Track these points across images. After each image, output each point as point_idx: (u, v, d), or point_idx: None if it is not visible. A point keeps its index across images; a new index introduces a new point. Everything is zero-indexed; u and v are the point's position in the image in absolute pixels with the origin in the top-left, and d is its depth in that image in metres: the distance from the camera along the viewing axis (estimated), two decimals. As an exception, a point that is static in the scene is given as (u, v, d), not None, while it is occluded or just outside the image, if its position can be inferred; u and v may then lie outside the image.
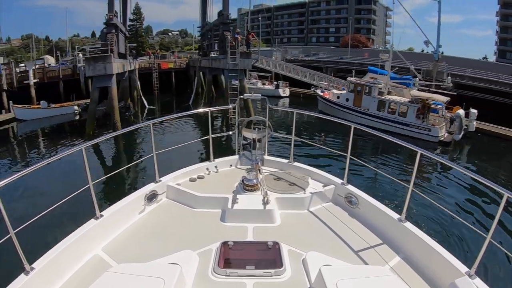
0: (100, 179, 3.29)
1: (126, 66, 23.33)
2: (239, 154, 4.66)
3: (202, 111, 5.22)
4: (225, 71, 21.77)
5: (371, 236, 3.15)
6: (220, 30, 24.39)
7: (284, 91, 33.12)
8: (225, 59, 21.30)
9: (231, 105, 4.99)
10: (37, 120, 21.56)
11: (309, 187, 3.85)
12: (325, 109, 23.72)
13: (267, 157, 4.61)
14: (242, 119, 4.83)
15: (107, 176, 3.65)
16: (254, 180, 3.72)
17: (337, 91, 24.53)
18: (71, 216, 4.88)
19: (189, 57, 44.12)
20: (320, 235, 3.17)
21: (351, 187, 3.72)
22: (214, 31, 29.20)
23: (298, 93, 34.17)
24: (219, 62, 23.93)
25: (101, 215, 3.03)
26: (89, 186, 2.94)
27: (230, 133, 4.95)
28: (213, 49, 29.73)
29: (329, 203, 3.76)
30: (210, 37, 31.72)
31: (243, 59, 21.07)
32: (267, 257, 2.68)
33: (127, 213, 3.30)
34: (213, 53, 29.39)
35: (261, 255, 2.76)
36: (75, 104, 23.98)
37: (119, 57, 21.58)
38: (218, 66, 24.26)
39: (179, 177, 4.05)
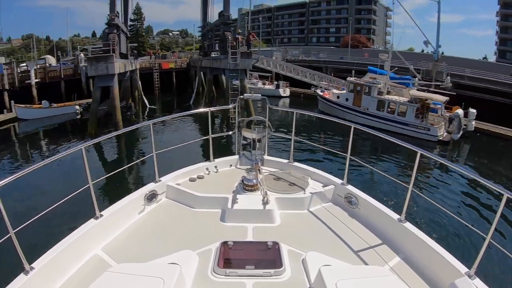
0: (100, 179, 3.27)
1: (127, 66, 23.41)
2: (239, 154, 4.66)
3: (202, 111, 5.22)
4: (226, 71, 21.85)
5: (370, 236, 3.15)
6: (220, 30, 24.45)
7: (284, 91, 33.18)
8: (226, 59, 21.37)
9: (231, 105, 4.97)
10: (39, 119, 21.58)
11: (309, 187, 3.85)
12: (325, 108, 23.79)
13: (267, 157, 4.61)
14: (242, 119, 4.83)
15: (107, 176, 3.64)
16: (254, 180, 3.72)
17: (337, 91, 24.58)
18: (71, 215, 4.88)
19: (189, 57, 44.12)
20: (319, 235, 3.17)
21: (351, 187, 3.72)
22: (215, 31, 29.25)
23: (298, 93, 34.18)
24: (220, 62, 24.00)
25: (101, 215, 3.03)
26: (89, 185, 2.94)
27: (230, 133, 4.94)
28: (214, 49, 29.74)
29: (328, 203, 3.76)
30: (211, 37, 31.74)
31: (243, 59, 21.14)
32: (267, 257, 2.68)
33: (126, 213, 3.30)
34: (214, 53, 29.40)
35: (260, 255, 2.75)
36: (77, 103, 23.99)
37: (121, 57, 21.65)
38: (219, 66, 24.33)
39: (179, 177, 4.05)
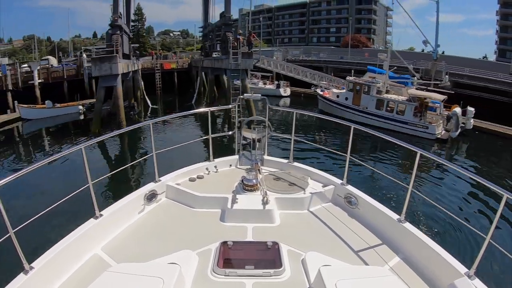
0: (99, 179, 3.26)
1: (130, 66, 23.55)
2: (238, 154, 4.64)
3: (202, 111, 4.99)
4: (227, 71, 21.97)
5: (370, 236, 3.14)
6: (222, 31, 24.55)
7: (285, 91, 33.33)
8: (227, 59, 21.52)
9: (231, 105, 4.94)
10: (42, 119, 21.73)
11: (309, 187, 3.83)
12: (325, 108, 23.96)
13: (266, 157, 4.60)
14: (242, 119, 4.82)
15: (107, 175, 3.58)
16: (253, 180, 3.71)
17: (336, 90, 24.69)
18: (71, 215, 4.88)
19: (191, 57, 44.28)
20: (319, 235, 3.16)
21: (350, 187, 3.70)
22: (216, 31, 29.37)
23: (299, 93, 34.28)
24: (221, 62, 24.16)
25: (101, 215, 3.02)
26: (88, 185, 2.93)
27: (230, 133, 4.93)
28: (215, 50, 29.87)
29: (328, 203, 3.75)
30: (212, 38, 31.86)
31: (244, 59, 21.29)
32: (267, 257, 2.68)
33: (126, 213, 3.29)
34: (215, 53, 29.53)
35: (260, 255, 2.75)
36: (80, 104, 24.12)
37: (123, 58, 21.90)
38: (220, 66, 24.50)
39: (178, 177, 4.04)
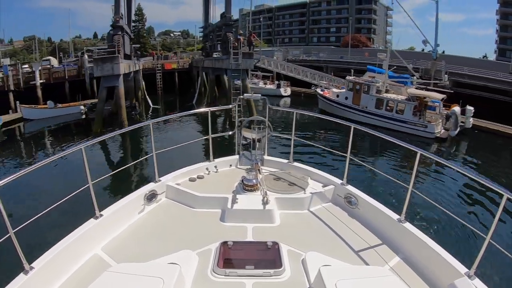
0: (99, 179, 3.26)
1: (131, 66, 23.63)
2: (239, 154, 4.63)
3: (202, 111, 5.04)
4: (228, 71, 22.07)
5: (370, 236, 3.13)
6: (222, 31, 24.65)
7: (285, 91, 33.41)
8: (227, 59, 21.64)
9: (231, 105, 4.93)
10: (44, 119, 21.80)
11: (309, 187, 3.83)
12: (325, 107, 24.04)
13: (267, 157, 4.59)
14: (242, 119, 4.81)
15: (107, 175, 3.60)
16: (253, 180, 3.70)
17: (336, 89, 24.74)
18: (71, 215, 4.88)
19: (191, 57, 44.32)
20: (319, 235, 3.15)
21: (350, 187, 3.70)
22: (216, 32, 29.44)
23: (299, 92, 34.34)
24: (222, 62, 24.25)
25: (101, 215, 3.01)
26: (88, 185, 2.92)
27: (230, 133, 4.91)
28: (216, 50, 29.96)
29: (328, 203, 3.74)
30: (212, 38, 31.93)
31: (245, 60, 21.41)
32: (267, 257, 2.67)
33: (126, 213, 3.28)
34: (215, 53, 29.64)
35: (260, 255, 2.74)
36: (82, 104, 24.18)
37: (125, 58, 22.07)
38: (221, 66, 24.58)
39: (178, 177, 4.03)
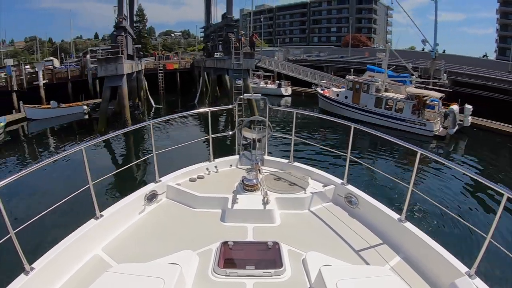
0: (100, 179, 3.26)
1: (134, 66, 23.74)
2: (239, 154, 4.62)
3: (202, 111, 5.00)
4: (230, 71, 22.24)
5: (371, 236, 3.12)
6: (224, 31, 24.81)
7: (286, 90, 33.56)
8: (229, 59, 21.76)
9: (231, 105, 4.92)
10: (48, 119, 21.97)
11: (309, 187, 3.82)
12: (326, 106, 24.20)
13: (267, 157, 4.58)
14: (242, 119, 4.81)
15: (107, 176, 3.59)
16: (254, 180, 3.70)
17: (336, 89, 24.81)
18: (71, 216, 4.87)
19: (192, 57, 44.51)
20: (320, 235, 3.15)
21: (351, 187, 3.69)
22: (218, 32, 29.59)
23: (299, 92, 34.45)
24: (223, 62, 24.34)
25: (101, 215, 3.01)
26: (89, 186, 2.92)
27: (230, 133, 4.90)
28: (217, 50, 30.08)
29: (329, 203, 3.73)
30: (214, 38, 32.06)
31: (246, 60, 21.54)
32: (267, 257, 2.66)
33: (127, 213, 3.28)
34: (217, 54, 29.70)
35: (261, 255, 2.73)
36: (85, 104, 24.29)
37: (128, 59, 22.42)
38: (222, 66, 24.68)
39: (179, 177, 4.02)
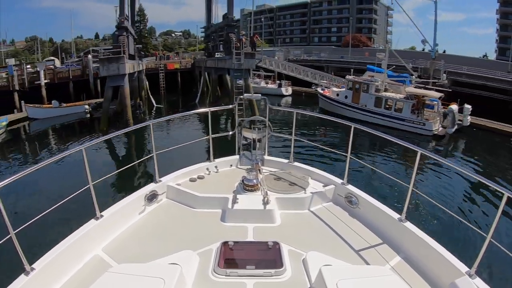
0: (100, 179, 3.26)
1: (135, 66, 23.88)
2: (239, 154, 4.62)
3: (202, 111, 5.11)
4: (231, 70, 22.34)
5: (371, 236, 3.12)
6: (224, 32, 24.91)
7: (286, 90, 33.69)
8: (230, 59, 21.81)
9: (231, 105, 4.96)
10: (49, 118, 22.07)
11: (309, 187, 3.81)
12: (326, 106, 24.31)
13: (267, 157, 4.57)
14: (242, 119, 4.80)
15: (108, 176, 3.58)
16: (254, 180, 3.69)
17: (336, 89, 24.92)
18: (71, 216, 4.86)
19: (193, 57, 44.60)
20: (320, 235, 3.14)
21: (351, 187, 3.68)
22: (219, 32, 29.73)
23: (300, 92, 34.54)
24: (224, 62, 24.45)
25: (101, 215, 3.00)
26: (89, 186, 2.91)
27: (230, 133, 4.89)
28: (218, 50, 30.18)
29: (329, 203, 3.73)
30: (214, 38, 32.18)
31: (247, 59, 21.60)
32: (267, 257, 2.66)
33: (127, 213, 3.27)
34: (218, 53, 29.80)
35: (261, 255, 2.73)
36: (86, 103, 24.44)
37: (129, 58, 22.67)
38: (223, 66, 24.80)
39: (179, 177, 4.02)
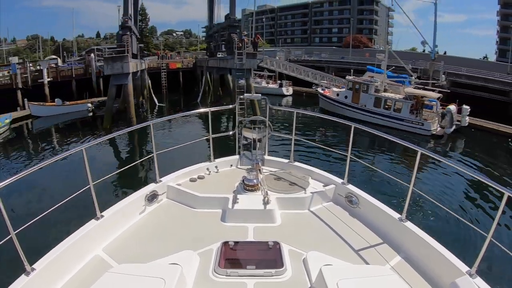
0: (100, 180, 3.24)
1: (138, 65, 24.00)
2: (239, 154, 4.61)
3: (202, 111, 4.94)
4: (232, 70, 22.46)
5: (371, 235, 3.11)
6: (226, 32, 25.15)
7: (287, 90, 33.86)
8: (232, 59, 21.96)
9: (231, 105, 4.96)
10: (52, 116, 22.21)
11: (310, 187, 3.80)
12: (326, 106, 24.49)
13: (267, 157, 4.56)
14: (242, 119, 4.79)
15: (108, 176, 3.58)
16: (254, 180, 3.68)
17: (336, 89, 25.07)
18: (72, 216, 4.86)
19: (194, 57, 44.76)
20: (320, 235, 3.13)
21: (351, 187, 3.67)
22: (221, 32, 29.91)
23: (301, 92, 34.67)
24: (226, 62, 24.59)
25: (102, 216, 2.99)
26: (89, 186, 2.90)
27: (230, 133, 4.88)
28: (220, 50, 30.23)
29: (329, 203, 3.72)
30: (216, 38, 32.29)
31: (249, 59, 21.74)
32: (268, 257, 2.65)
33: (127, 214, 3.26)
34: (220, 53, 29.87)
35: (261, 255, 2.72)
36: (89, 101, 24.56)
37: (132, 57, 22.96)
38: (225, 66, 24.93)
39: (179, 177, 4.01)
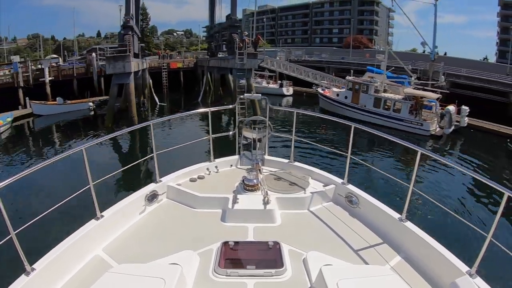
0: (100, 180, 3.23)
1: (140, 65, 24.08)
2: (239, 154, 4.60)
3: (202, 111, 5.01)
4: (233, 70, 22.54)
5: (371, 235, 3.10)
6: (228, 32, 25.23)
7: (288, 90, 33.96)
8: (233, 59, 22.08)
9: (231, 105, 4.95)
10: (54, 115, 22.31)
11: (310, 187, 3.79)
12: (326, 106, 24.60)
13: (267, 157, 4.56)
14: (242, 119, 4.79)
15: (108, 176, 3.57)
16: (254, 180, 3.67)
17: (336, 89, 25.19)
18: (72, 216, 4.86)
19: (195, 57, 44.80)
20: (320, 235, 3.13)
21: (351, 187, 3.67)
22: (222, 32, 29.95)
23: (301, 92, 34.77)
24: (227, 62, 24.68)
25: (102, 216, 2.99)
26: (89, 186, 2.90)
27: (230, 133, 4.87)
28: (221, 50, 30.32)
29: (329, 203, 3.71)
30: (217, 38, 32.31)
31: (250, 59, 21.86)
32: (268, 257, 2.65)
33: (127, 214, 3.26)
34: (221, 53, 29.99)
35: (261, 255, 2.72)
36: (90, 100, 24.68)
37: (134, 57, 23.13)
38: (226, 65, 25.02)
39: (179, 177, 4.00)
